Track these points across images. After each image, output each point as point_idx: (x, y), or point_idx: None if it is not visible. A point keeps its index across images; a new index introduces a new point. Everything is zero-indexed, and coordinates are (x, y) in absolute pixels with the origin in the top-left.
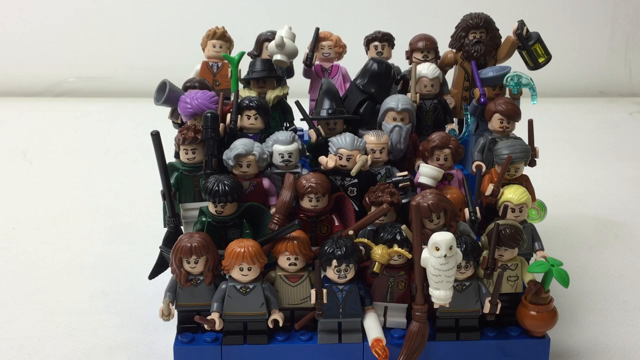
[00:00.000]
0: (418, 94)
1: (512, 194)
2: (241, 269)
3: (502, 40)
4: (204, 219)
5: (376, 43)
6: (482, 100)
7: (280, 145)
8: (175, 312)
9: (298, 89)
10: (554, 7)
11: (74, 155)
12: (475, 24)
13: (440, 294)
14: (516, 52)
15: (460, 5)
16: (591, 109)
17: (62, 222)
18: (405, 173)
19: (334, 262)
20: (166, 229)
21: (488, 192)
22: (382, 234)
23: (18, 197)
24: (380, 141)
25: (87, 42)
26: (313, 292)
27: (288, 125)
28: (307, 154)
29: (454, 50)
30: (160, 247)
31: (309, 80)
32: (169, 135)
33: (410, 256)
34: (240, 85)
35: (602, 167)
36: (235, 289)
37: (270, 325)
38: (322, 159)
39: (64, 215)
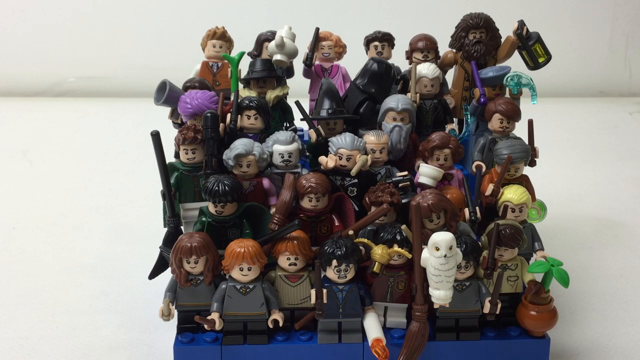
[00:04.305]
0: (418, 94)
1: (512, 194)
2: (241, 269)
3: (502, 40)
4: (204, 219)
5: (376, 43)
6: (482, 100)
7: (280, 145)
8: (175, 312)
9: (298, 89)
10: (554, 7)
11: (74, 155)
12: (475, 24)
13: (440, 294)
14: (516, 52)
15: (460, 5)
16: (591, 109)
17: (62, 222)
18: (405, 173)
19: (334, 262)
20: (166, 229)
21: (488, 192)
22: (382, 234)
23: (18, 197)
24: (380, 141)
25: (87, 42)
26: (313, 292)
27: (288, 125)
28: (307, 154)
29: (454, 50)
30: (160, 247)
31: (309, 80)
32: (169, 135)
33: (410, 256)
34: (240, 85)
35: (602, 167)
36: (235, 289)
37: (270, 325)
38: (322, 159)
39: (64, 215)
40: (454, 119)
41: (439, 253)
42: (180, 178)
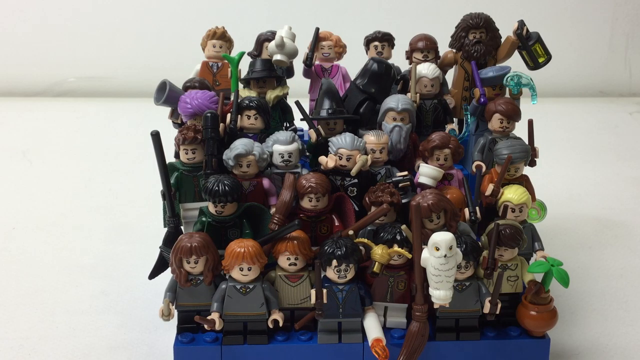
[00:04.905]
0: (418, 94)
1: (512, 194)
2: (241, 269)
3: (502, 40)
4: (204, 219)
5: (376, 43)
6: (482, 100)
7: (280, 145)
8: (175, 312)
9: (298, 89)
10: (554, 7)
11: (74, 155)
12: (475, 24)
13: (440, 294)
14: (516, 52)
15: (460, 5)
16: (591, 109)
17: (62, 222)
18: (405, 173)
19: (334, 262)
20: (166, 229)
21: (488, 192)
22: (382, 234)
23: (18, 197)
24: (380, 141)
25: (87, 42)
26: (313, 292)
27: (288, 125)
28: (307, 154)
29: (454, 50)
30: (160, 247)
31: (309, 80)
32: (169, 135)
33: (410, 256)
34: (240, 85)
35: (602, 167)
36: (235, 289)
37: (270, 325)
38: (322, 159)
39: (64, 215)
40: (454, 119)
41: (439, 253)
42: (180, 178)
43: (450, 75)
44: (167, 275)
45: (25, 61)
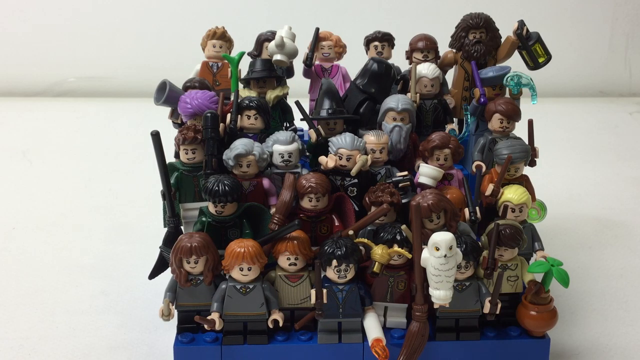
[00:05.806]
0: (418, 94)
1: (512, 194)
2: (241, 269)
3: (502, 40)
4: (204, 219)
5: (376, 43)
6: (482, 100)
7: (280, 145)
8: (175, 312)
9: (298, 89)
10: (554, 7)
11: (74, 155)
12: (475, 24)
13: (440, 294)
14: (516, 52)
15: (460, 5)
16: (591, 109)
17: (62, 222)
18: (405, 173)
19: (334, 262)
20: (166, 229)
21: (488, 192)
22: (382, 234)
23: (18, 197)
24: (380, 141)
25: (87, 42)
26: (313, 292)
27: (288, 125)
28: (307, 154)
29: (454, 50)
30: (160, 247)
31: (309, 80)
32: (169, 135)
33: (410, 256)
34: (240, 85)
35: (602, 167)
36: (235, 289)
37: (270, 325)
38: (322, 159)
39: (64, 215)
40: (454, 119)
41: (439, 253)
42: (180, 178)
43: (450, 75)
44: (167, 275)
45: (25, 61)
